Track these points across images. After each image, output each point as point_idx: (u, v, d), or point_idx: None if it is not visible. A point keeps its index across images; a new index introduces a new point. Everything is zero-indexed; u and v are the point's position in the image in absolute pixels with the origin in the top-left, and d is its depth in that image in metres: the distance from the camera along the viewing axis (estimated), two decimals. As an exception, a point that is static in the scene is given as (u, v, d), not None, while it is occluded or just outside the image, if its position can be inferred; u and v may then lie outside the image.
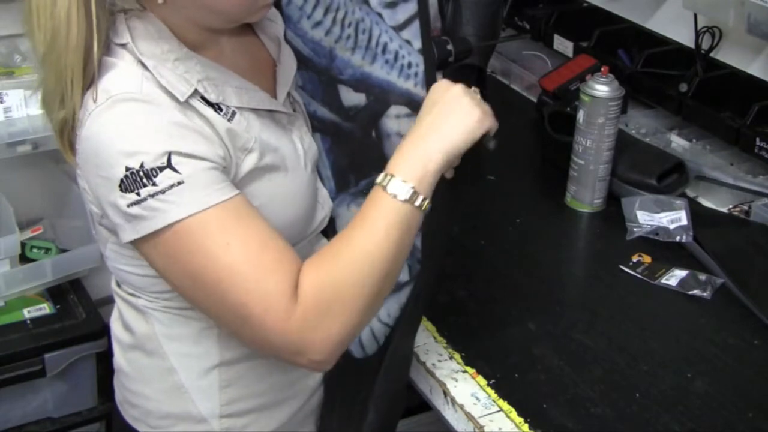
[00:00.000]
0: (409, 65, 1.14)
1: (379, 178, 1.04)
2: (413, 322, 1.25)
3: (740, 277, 1.43)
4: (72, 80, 1.01)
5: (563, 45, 2.03)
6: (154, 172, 0.96)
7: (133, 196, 0.97)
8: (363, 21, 1.15)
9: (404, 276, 1.22)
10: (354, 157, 1.24)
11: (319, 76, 1.22)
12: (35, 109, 1.88)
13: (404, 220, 1.02)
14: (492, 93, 2.07)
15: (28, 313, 1.96)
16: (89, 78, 1.02)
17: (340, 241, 1.03)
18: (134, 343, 1.19)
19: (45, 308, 1.99)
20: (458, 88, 1.09)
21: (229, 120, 1.06)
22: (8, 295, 1.95)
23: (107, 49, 1.03)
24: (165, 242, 0.99)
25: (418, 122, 1.08)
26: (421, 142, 1.05)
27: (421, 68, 1.14)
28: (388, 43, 1.14)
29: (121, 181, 0.97)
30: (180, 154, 0.97)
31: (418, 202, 1.03)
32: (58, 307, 2.00)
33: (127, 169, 0.97)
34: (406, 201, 1.02)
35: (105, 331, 1.89)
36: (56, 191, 2.08)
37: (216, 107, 1.05)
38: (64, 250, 2.05)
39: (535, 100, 2.01)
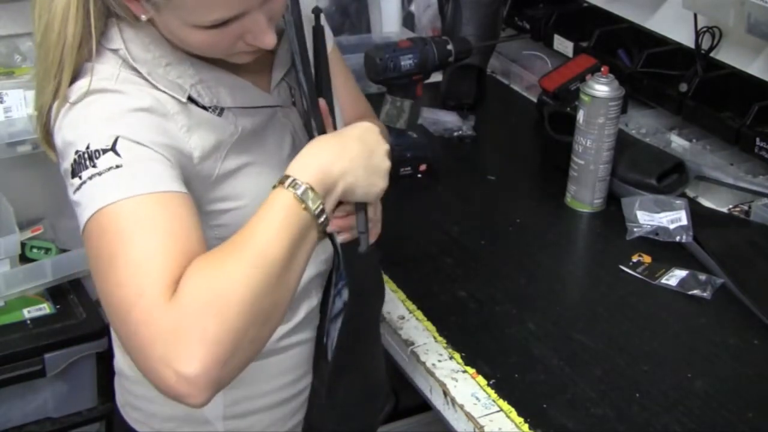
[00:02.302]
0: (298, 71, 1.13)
1: (282, 178, 0.98)
2: (350, 332, 1.19)
3: (740, 277, 1.43)
4: (56, 75, 1.00)
5: (563, 45, 2.03)
6: (97, 153, 0.94)
7: (77, 181, 0.95)
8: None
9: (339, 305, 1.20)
10: None
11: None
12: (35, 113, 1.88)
13: (302, 229, 0.96)
14: (492, 93, 2.07)
15: (28, 313, 1.96)
16: (72, 70, 1.01)
17: (232, 239, 0.95)
18: None
19: (45, 308, 1.98)
20: (387, 147, 1.06)
21: (218, 115, 1.06)
22: (8, 295, 1.95)
23: (97, 53, 1.02)
24: (91, 226, 0.94)
25: (338, 143, 1.03)
26: (336, 163, 1.00)
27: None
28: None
29: (71, 166, 0.95)
30: (128, 138, 0.95)
31: (317, 213, 0.96)
32: (58, 307, 2.00)
33: (76, 152, 0.95)
34: (308, 210, 0.96)
35: (105, 331, 1.89)
36: (56, 191, 2.06)
37: (209, 110, 1.05)
38: (64, 250, 2.05)
39: (535, 100, 2.01)
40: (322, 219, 0.97)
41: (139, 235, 0.92)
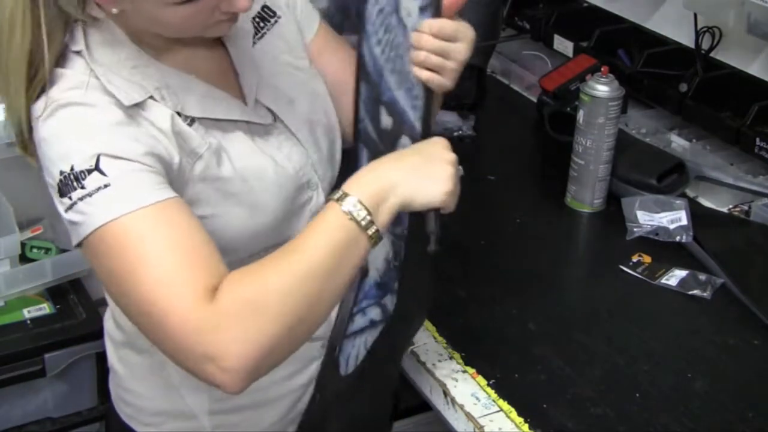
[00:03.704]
0: (417, 98, 1.13)
1: (334, 194, 1.00)
2: (387, 353, 1.24)
3: (740, 277, 1.43)
4: (15, 86, 1.00)
5: (563, 45, 2.03)
6: (83, 174, 0.96)
7: (67, 201, 0.97)
8: (401, 45, 1.12)
9: (378, 316, 1.22)
10: None
11: (371, 92, 1.21)
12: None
13: (349, 240, 0.98)
14: (492, 93, 2.07)
15: (28, 313, 1.96)
16: (38, 87, 1.00)
17: (279, 251, 0.99)
18: (125, 341, 1.20)
19: (45, 308, 1.98)
20: (451, 156, 1.07)
21: (189, 124, 1.04)
22: (8, 295, 1.95)
23: (63, 58, 1.02)
24: (94, 244, 0.97)
25: (396, 158, 1.06)
26: (388, 174, 1.02)
27: (421, 102, 1.13)
28: (410, 71, 1.13)
29: (59, 186, 0.97)
30: (109, 155, 0.96)
31: (365, 224, 0.98)
32: (58, 307, 1.99)
33: (61, 173, 0.96)
34: (355, 221, 0.98)
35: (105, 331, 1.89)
36: (56, 191, 2.08)
37: (181, 118, 1.04)
38: (64, 250, 2.05)
39: (535, 100, 2.01)
40: (371, 231, 0.98)
41: (153, 249, 0.95)
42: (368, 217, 0.98)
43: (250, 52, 1.15)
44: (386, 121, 1.18)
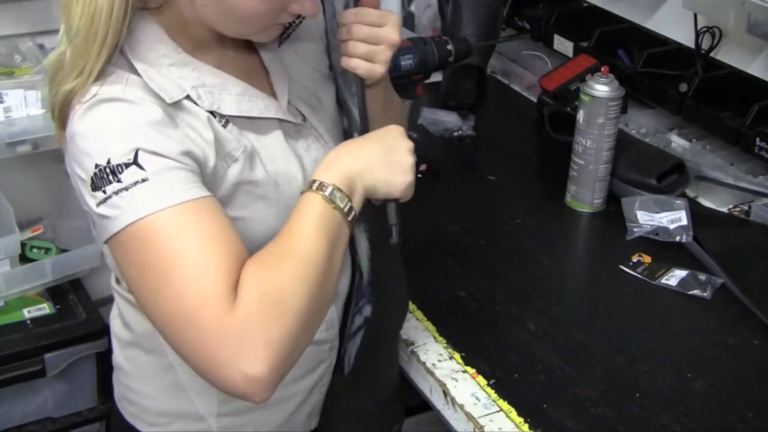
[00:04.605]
0: (355, 93, 1.15)
1: (309, 183, 1.03)
2: (376, 344, 1.25)
3: (740, 277, 1.43)
4: (97, 53, 0.99)
5: (563, 45, 2.03)
6: (120, 168, 0.95)
7: (100, 194, 0.96)
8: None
9: (370, 313, 1.23)
10: None
11: (337, 96, 1.22)
12: (35, 109, 1.87)
13: (336, 227, 1.01)
14: (492, 93, 2.07)
15: (28, 313, 1.96)
16: (109, 57, 1.00)
17: (275, 243, 1.01)
18: (133, 341, 1.19)
19: (45, 308, 1.98)
20: (409, 144, 1.09)
21: (224, 125, 1.05)
22: (8, 295, 1.95)
23: None
24: (126, 239, 0.97)
25: (359, 145, 1.08)
26: (354, 163, 1.05)
27: (357, 96, 1.14)
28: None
29: (92, 179, 0.96)
30: (148, 151, 0.96)
31: (347, 211, 1.02)
32: (58, 307, 2.00)
33: (96, 166, 0.96)
34: (338, 209, 1.01)
35: (105, 331, 1.89)
36: (56, 191, 2.08)
37: (210, 114, 1.04)
38: (64, 250, 2.05)
39: (535, 100, 2.01)
40: (351, 217, 1.02)
41: (187, 247, 0.95)
42: (349, 204, 1.02)
43: (279, 52, 1.17)
44: (345, 121, 1.19)
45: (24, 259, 2.01)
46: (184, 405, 1.17)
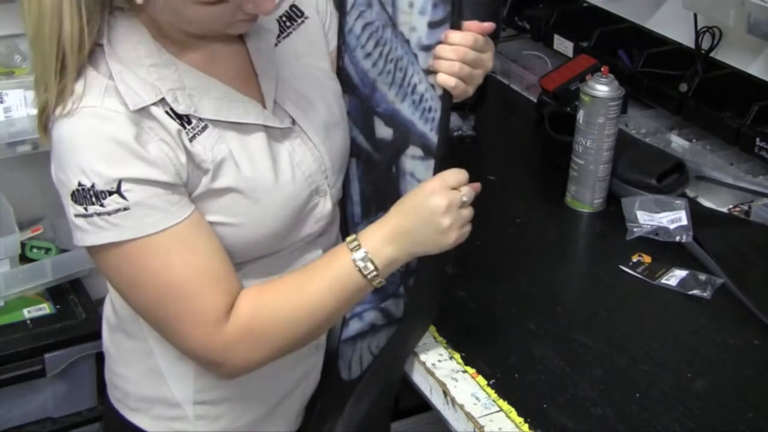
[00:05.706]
0: (430, 109, 1.15)
1: (350, 238, 1.09)
2: (397, 356, 1.27)
3: (740, 277, 1.43)
4: (55, 69, 1.00)
5: (563, 45, 2.03)
6: (103, 194, 0.98)
7: (80, 209, 1.00)
8: (402, 59, 1.16)
9: (398, 312, 1.26)
10: (377, 186, 1.26)
11: (361, 104, 1.23)
12: (35, 109, 1.88)
13: (354, 287, 1.09)
14: (492, 93, 2.07)
15: (28, 313, 1.96)
16: (76, 69, 1.01)
17: (290, 280, 1.09)
18: (118, 325, 1.21)
19: (45, 308, 1.99)
20: (443, 203, 1.10)
21: (197, 134, 1.04)
22: (8, 295, 1.95)
23: (92, 50, 1.02)
24: (106, 255, 1.03)
25: (401, 215, 1.10)
26: (398, 237, 1.09)
27: (438, 114, 1.15)
28: (417, 84, 1.16)
29: (73, 192, 1.00)
30: (131, 180, 0.99)
31: (371, 277, 1.08)
32: (58, 307, 2.00)
33: (80, 184, 0.99)
34: (362, 273, 1.08)
35: (105, 331, 1.89)
36: (56, 191, 2.08)
37: (184, 119, 1.04)
38: (64, 250, 2.05)
39: (535, 100, 2.01)
40: (376, 282, 1.09)
41: (174, 268, 1.02)
42: (375, 272, 1.08)
43: (271, 51, 1.16)
44: (383, 131, 1.20)
45: (24, 259, 2.01)
46: (162, 391, 1.19)
